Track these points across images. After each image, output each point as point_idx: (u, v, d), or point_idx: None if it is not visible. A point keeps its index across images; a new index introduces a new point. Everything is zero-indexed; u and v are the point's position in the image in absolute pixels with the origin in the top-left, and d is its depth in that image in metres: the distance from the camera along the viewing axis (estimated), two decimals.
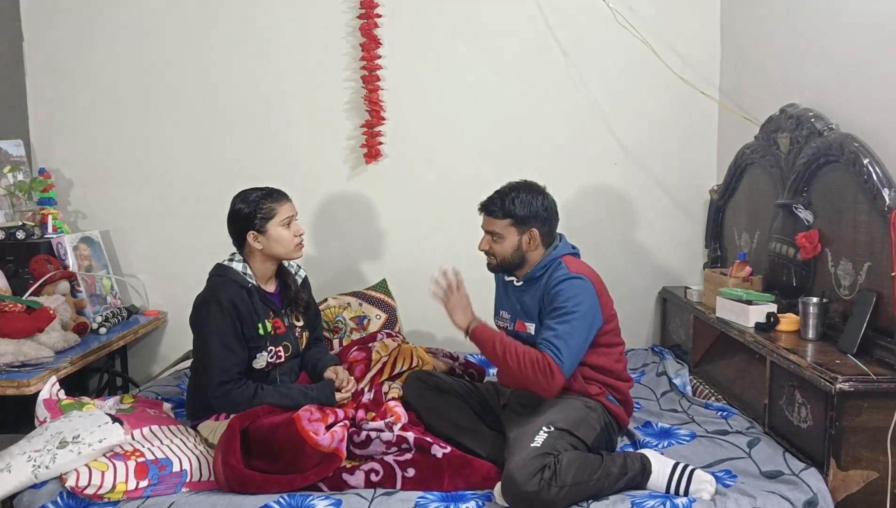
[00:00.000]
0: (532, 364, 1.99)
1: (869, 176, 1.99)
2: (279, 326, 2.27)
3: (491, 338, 2.08)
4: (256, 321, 2.20)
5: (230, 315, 2.14)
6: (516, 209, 2.14)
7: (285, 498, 1.82)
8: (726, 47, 3.09)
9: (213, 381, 2.11)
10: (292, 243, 2.27)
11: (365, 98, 3.09)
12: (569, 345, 2.01)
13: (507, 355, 2.03)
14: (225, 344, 2.13)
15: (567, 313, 2.04)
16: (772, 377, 2.18)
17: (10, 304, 2.44)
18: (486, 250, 2.22)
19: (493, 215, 2.17)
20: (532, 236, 2.16)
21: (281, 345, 2.25)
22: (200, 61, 3.13)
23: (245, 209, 2.23)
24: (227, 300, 2.14)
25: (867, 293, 2.04)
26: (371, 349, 2.34)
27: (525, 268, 2.21)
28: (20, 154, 3.05)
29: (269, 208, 2.23)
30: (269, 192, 2.26)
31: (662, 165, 3.18)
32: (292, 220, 2.28)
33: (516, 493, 1.76)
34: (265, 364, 2.20)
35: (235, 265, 2.24)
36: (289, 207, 2.28)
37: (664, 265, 3.24)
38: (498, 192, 2.19)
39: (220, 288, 2.18)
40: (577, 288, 2.07)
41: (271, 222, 2.22)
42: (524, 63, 3.12)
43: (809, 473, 1.89)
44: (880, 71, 2.10)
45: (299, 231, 2.29)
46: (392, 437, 2.00)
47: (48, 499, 1.80)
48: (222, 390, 2.10)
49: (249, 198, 2.24)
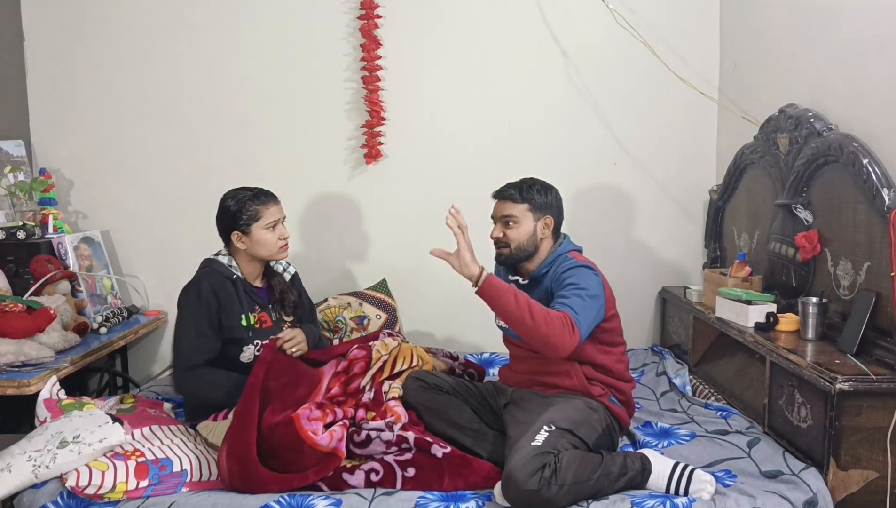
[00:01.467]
0: (554, 316, 1.93)
1: (868, 176, 2.00)
2: (265, 320, 2.29)
3: (507, 287, 1.98)
4: (239, 311, 2.22)
5: (207, 303, 2.19)
6: (535, 196, 2.20)
7: (285, 498, 1.82)
8: (726, 47, 3.09)
9: (180, 364, 2.18)
10: (275, 247, 2.29)
11: (365, 98, 3.09)
12: (582, 313, 2.00)
13: (524, 306, 1.93)
14: (197, 330, 2.18)
15: (580, 288, 2.05)
16: (771, 377, 2.18)
17: (10, 304, 2.44)
18: (500, 236, 2.21)
19: (511, 198, 2.20)
20: (546, 223, 2.21)
21: (267, 339, 2.26)
22: (201, 61, 3.14)
23: (232, 208, 2.26)
24: (208, 289, 2.20)
25: (866, 293, 2.04)
26: (371, 348, 2.35)
27: (534, 261, 2.22)
28: (21, 154, 3.05)
29: (255, 210, 2.24)
30: (256, 193, 2.27)
31: (662, 165, 3.18)
32: (278, 223, 2.29)
33: (516, 491, 1.76)
34: (252, 358, 2.21)
35: (222, 258, 2.29)
36: (275, 210, 2.28)
37: (664, 265, 3.24)
38: (512, 183, 2.25)
39: (204, 277, 2.24)
40: (587, 275, 2.10)
41: (256, 225, 2.25)
42: (524, 63, 3.12)
43: (809, 473, 1.89)
44: (880, 71, 2.11)
45: (284, 234, 2.30)
46: (392, 437, 2.00)
47: (48, 499, 1.81)
48: (186, 373, 2.17)
49: (237, 197, 2.27)
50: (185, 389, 2.24)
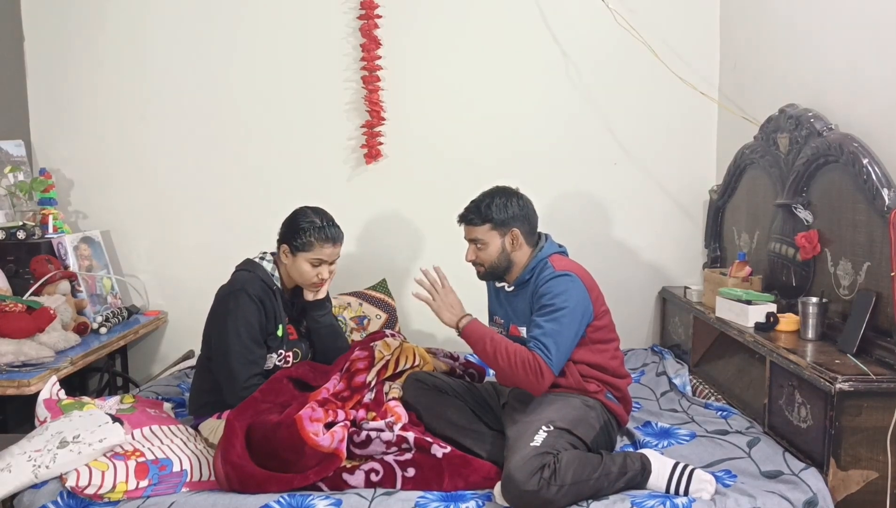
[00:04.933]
0: (522, 363, 2.02)
1: (868, 176, 2.00)
2: (292, 332, 2.29)
3: (482, 337, 2.10)
4: (278, 321, 2.20)
5: (258, 310, 2.14)
6: (493, 213, 2.18)
7: (285, 498, 1.82)
8: (726, 47, 3.09)
9: (241, 374, 2.10)
10: (308, 281, 2.25)
11: (365, 98, 3.09)
12: (557, 342, 2.03)
13: (497, 353, 2.05)
14: (252, 337, 2.13)
15: (555, 309, 2.06)
16: (771, 377, 2.18)
17: (10, 304, 2.44)
18: (473, 259, 2.24)
19: (472, 223, 2.21)
20: (514, 236, 2.19)
21: (292, 350, 2.27)
22: (200, 61, 3.14)
23: (298, 225, 2.21)
24: (255, 295, 2.15)
25: (866, 293, 2.04)
26: (374, 349, 2.34)
27: (514, 272, 2.23)
28: (21, 154, 3.05)
29: (310, 242, 2.20)
30: (322, 227, 2.21)
31: (662, 165, 3.18)
32: (323, 263, 2.24)
33: (516, 492, 1.76)
34: (272, 367, 2.21)
35: (266, 265, 2.24)
36: (329, 252, 2.23)
37: (664, 265, 3.24)
38: (472, 201, 2.24)
39: (249, 282, 2.17)
40: (563, 285, 2.09)
41: (302, 253, 2.21)
42: (524, 63, 3.12)
43: (809, 473, 1.89)
44: (880, 71, 2.11)
45: (323, 275, 2.25)
46: (392, 437, 2.00)
47: (48, 499, 1.81)
48: (252, 382, 2.10)
49: (309, 218, 2.22)
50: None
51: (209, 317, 2.22)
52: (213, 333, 2.19)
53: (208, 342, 2.23)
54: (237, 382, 2.10)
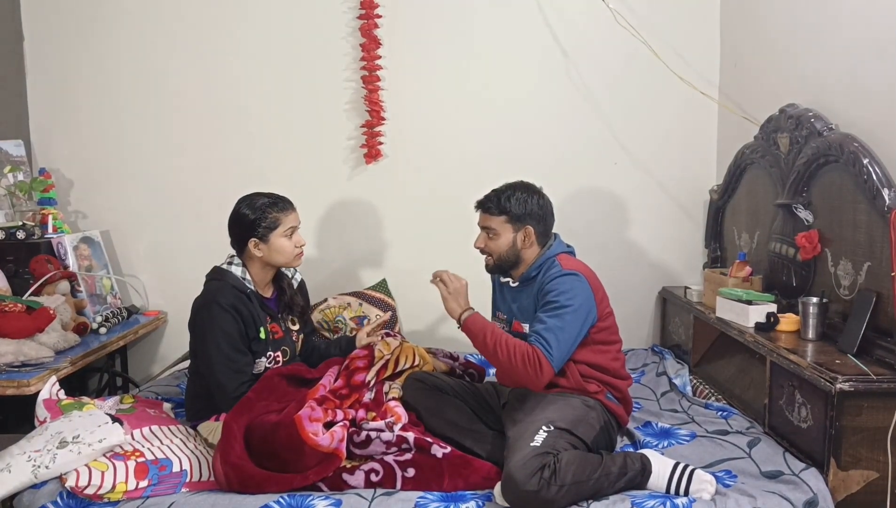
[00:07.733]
0: (522, 357, 2.02)
1: (868, 176, 1.99)
2: (276, 331, 2.27)
3: (482, 329, 2.11)
4: (259, 325, 2.19)
5: (234, 318, 2.12)
6: (512, 207, 2.17)
7: (285, 498, 1.82)
8: (726, 47, 3.09)
9: (228, 386, 2.09)
10: (292, 254, 2.26)
11: (365, 98, 3.09)
12: (559, 339, 2.03)
13: (497, 346, 2.06)
14: (233, 346, 2.12)
15: (559, 307, 2.06)
16: (772, 377, 2.18)
17: (10, 304, 2.44)
18: (482, 247, 2.24)
19: (489, 211, 2.21)
20: (527, 233, 2.19)
21: (279, 350, 2.25)
22: (200, 61, 3.14)
23: (250, 216, 2.20)
24: (228, 304, 2.12)
25: (867, 293, 2.04)
26: (373, 348, 2.34)
27: (520, 268, 2.23)
28: (20, 154, 3.05)
29: (275, 217, 2.21)
30: (275, 200, 2.23)
31: (662, 165, 3.18)
32: (295, 230, 2.26)
33: (516, 492, 1.76)
34: (263, 370, 2.20)
35: (234, 270, 2.22)
36: (293, 217, 2.26)
37: (664, 265, 3.24)
38: (494, 190, 2.23)
39: (219, 292, 2.15)
40: (570, 283, 2.09)
41: (274, 233, 2.21)
42: (524, 63, 3.12)
43: (809, 473, 1.89)
44: (880, 71, 2.10)
45: (301, 242, 2.28)
46: (392, 437, 2.00)
47: (48, 499, 1.81)
48: (241, 391, 2.08)
49: (255, 204, 2.21)
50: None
51: (189, 330, 2.20)
52: (196, 347, 2.19)
53: (194, 353, 2.23)
54: (226, 393, 2.10)
